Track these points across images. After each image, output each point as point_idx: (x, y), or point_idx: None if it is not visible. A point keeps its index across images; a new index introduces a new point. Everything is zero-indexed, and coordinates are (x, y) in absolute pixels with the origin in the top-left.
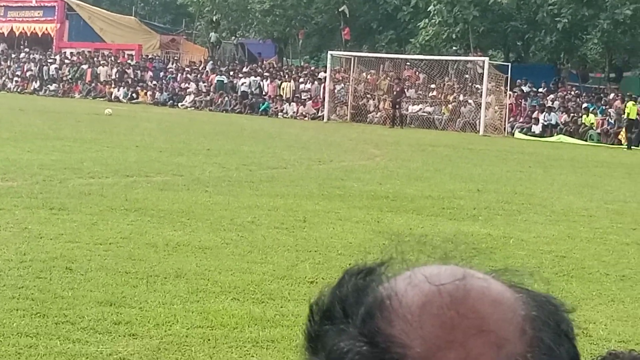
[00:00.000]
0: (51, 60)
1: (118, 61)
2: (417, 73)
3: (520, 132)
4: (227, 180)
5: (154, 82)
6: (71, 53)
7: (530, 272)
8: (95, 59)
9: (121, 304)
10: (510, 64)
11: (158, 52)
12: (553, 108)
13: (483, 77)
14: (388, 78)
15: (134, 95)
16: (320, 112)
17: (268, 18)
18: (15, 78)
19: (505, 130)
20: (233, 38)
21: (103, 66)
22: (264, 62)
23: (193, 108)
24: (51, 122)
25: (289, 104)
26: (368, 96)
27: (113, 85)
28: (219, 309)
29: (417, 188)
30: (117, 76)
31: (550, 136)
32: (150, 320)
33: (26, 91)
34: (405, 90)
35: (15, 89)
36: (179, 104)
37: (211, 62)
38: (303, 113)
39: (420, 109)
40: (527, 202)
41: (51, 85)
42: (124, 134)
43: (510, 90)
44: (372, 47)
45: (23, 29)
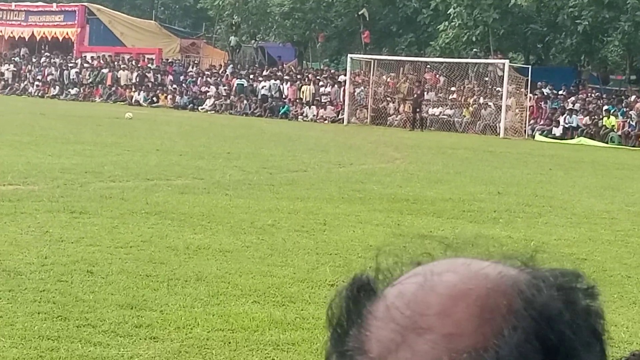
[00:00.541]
0: (72, 64)
1: (138, 65)
2: (437, 76)
3: (540, 135)
4: (248, 183)
5: (174, 86)
6: (92, 57)
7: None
8: (115, 63)
9: (142, 307)
10: (530, 67)
11: (178, 56)
12: (574, 110)
13: (503, 80)
14: (408, 81)
15: (155, 99)
16: (340, 115)
17: (288, 21)
18: (36, 82)
19: (525, 132)
20: (253, 42)
21: (123, 70)
22: (284, 66)
23: (213, 112)
24: (72, 126)
25: (309, 107)
26: (388, 99)
27: (133, 89)
28: (240, 312)
29: (438, 191)
30: (138, 80)
31: (570, 138)
32: (171, 323)
33: (47, 95)
34: (424, 93)
35: (36, 94)
36: (199, 108)
37: (231, 66)
38: (323, 116)
39: (440, 112)
40: (548, 205)
41: (72, 89)
42: (145, 138)
43: (530, 92)
44: (392, 50)
45: (44, 34)
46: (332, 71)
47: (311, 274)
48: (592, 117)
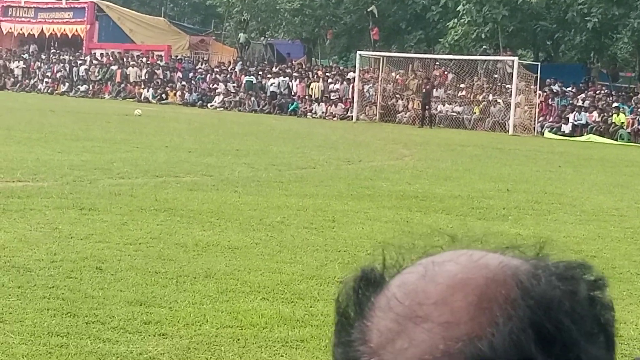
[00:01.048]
0: (81, 61)
1: (147, 62)
2: (446, 73)
3: (550, 132)
4: (256, 180)
5: (183, 83)
6: (101, 54)
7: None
8: (124, 60)
9: (151, 304)
10: (539, 64)
11: (187, 53)
12: (583, 107)
13: (512, 77)
14: (417, 78)
15: (164, 95)
16: (349, 112)
17: (297, 18)
18: (45, 79)
19: (534, 129)
20: (262, 38)
21: (133, 67)
22: (293, 63)
23: (222, 108)
24: (81, 123)
25: (318, 104)
26: (397, 96)
27: (142, 86)
28: (249, 309)
29: (447, 188)
30: (147, 77)
31: (580, 136)
32: (180, 320)
33: (56, 92)
34: (433, 90)
35: (45, 90)
36: (208, 105)
37: (240, 63)
38: (332, 113)
39: (449, 109)
40: (557, 202)
41: (81, 86)
42: (154, 135)
43: (539, 89)
44: (401, 47)
45: (53, 30)
46: (341, 68)
47: (320, 271)
48: (602, 114)
